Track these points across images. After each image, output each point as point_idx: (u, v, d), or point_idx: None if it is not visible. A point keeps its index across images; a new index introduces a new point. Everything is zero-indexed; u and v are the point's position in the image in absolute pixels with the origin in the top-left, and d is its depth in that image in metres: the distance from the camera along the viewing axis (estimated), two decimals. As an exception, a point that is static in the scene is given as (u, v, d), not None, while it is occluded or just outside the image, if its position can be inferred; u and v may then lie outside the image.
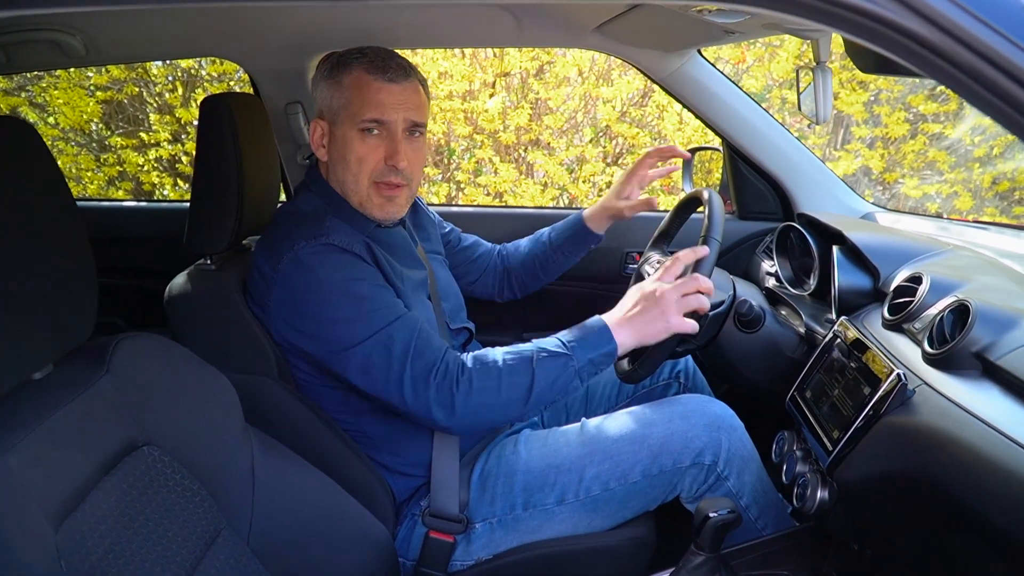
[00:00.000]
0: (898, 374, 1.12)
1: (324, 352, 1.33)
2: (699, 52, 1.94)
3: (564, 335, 1.36)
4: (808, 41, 1.27)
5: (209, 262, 1.47)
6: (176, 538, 0.97)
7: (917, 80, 4.03)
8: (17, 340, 0.86)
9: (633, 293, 1.38)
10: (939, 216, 2.82)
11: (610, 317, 1.36)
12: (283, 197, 2.23)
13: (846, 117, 4.45)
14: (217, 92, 1.63)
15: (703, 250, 1.36)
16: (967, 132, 4.21)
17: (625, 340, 1.33)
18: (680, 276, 1.36)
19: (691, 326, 1.33)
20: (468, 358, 1.32)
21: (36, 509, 0.80)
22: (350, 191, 1.43)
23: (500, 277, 1.91)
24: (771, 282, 1.86)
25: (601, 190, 4.62)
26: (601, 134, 4.68)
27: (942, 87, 4.07)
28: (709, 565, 1.26)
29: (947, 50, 0.50)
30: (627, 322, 1.34)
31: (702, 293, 1.34)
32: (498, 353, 1.33)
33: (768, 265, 1.93)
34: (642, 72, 2.00)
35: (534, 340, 1.36)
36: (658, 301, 1.32)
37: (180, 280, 1.45)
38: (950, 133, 4.23)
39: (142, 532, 0.93)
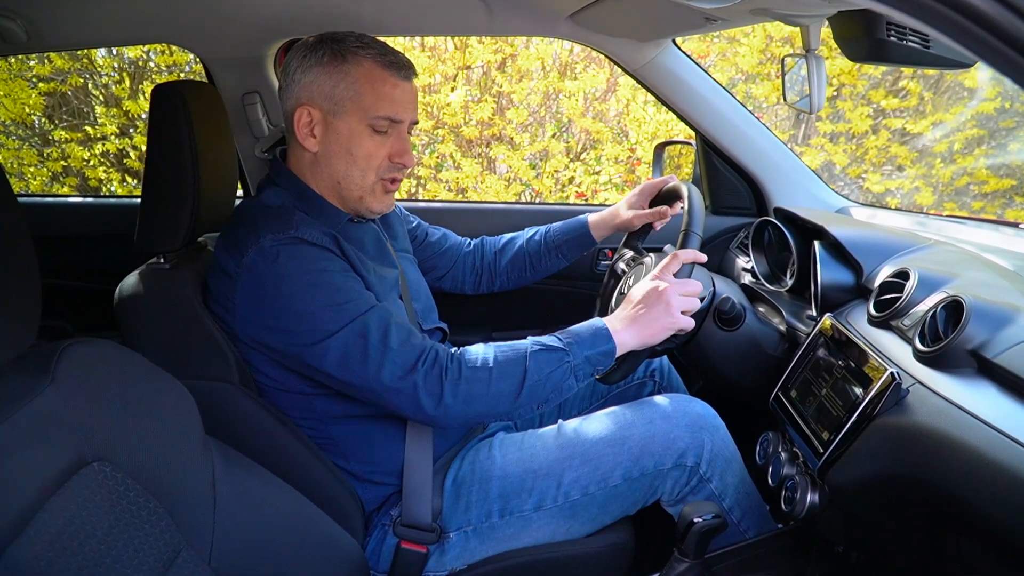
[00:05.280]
0: (892, 373, 1.09)
1: (297, 346, 1.26)
2: (674, 42, 1.89)
3: (560, 333, 1.34)
4: (798, 27, 1.21)
5: (163, 261, 1.38)
6: (131, 561, 0.89)
7: (879, 74, 4.06)
8: None
9: (635, 293, 1.37)
10: (916, 211, 2.83)
11: (611, 318, 1.35)
12: (240, 192, 2.13)
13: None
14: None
15: (703, 256, 1.37)
16: (928, 127, 4.26)
17: (627, 340, 1.32)
18: (677, 274, 1.36)
19: (690, 323, 1.34)
20: (459, 350, 1.30)
21: None
22: (352, 185, 1.37)
23: (474, 270, 1.85)
24: (747, 278, 1.82)
25: (564, 185, 4.58)
26: (564, 129, 4.64)
27: (903, 83, 4.13)
28: (694, 571, 1.22)
29: (1010, 29, 0.45)
30: (631, 321, 1.33)
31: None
32: (491, 347, 1.31)
33: (743, 261, 1.90)
34: (615, 63, 1.95)
35: (528, 336, 1.34)
36: (660, 298, 1.32)
37: (131, 280, 1.36)
38: (911, 129, 4.27)
39: (93, 557, 0.85)
